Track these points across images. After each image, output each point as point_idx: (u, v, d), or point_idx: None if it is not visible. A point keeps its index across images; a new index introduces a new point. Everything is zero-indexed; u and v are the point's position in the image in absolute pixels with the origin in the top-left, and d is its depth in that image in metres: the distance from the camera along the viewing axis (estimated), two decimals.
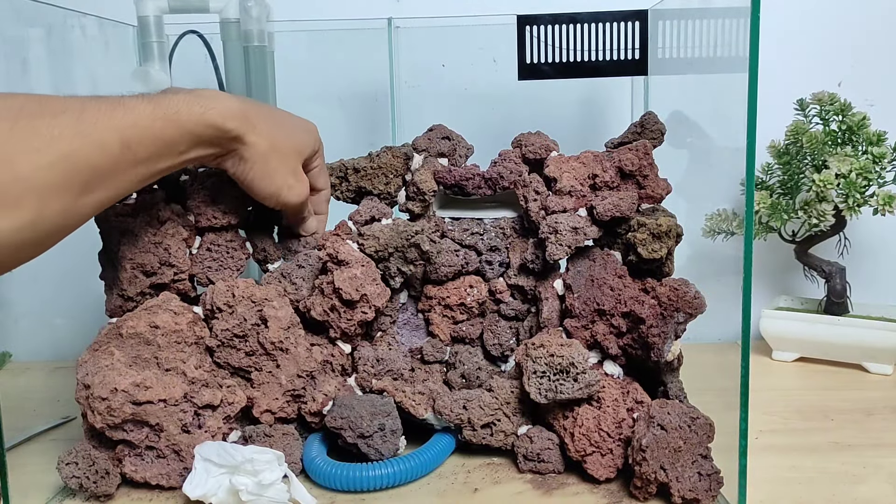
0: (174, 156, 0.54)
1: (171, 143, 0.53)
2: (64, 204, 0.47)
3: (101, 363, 0.57)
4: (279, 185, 0.60)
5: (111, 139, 0.49)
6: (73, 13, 0.75)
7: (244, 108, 0.56)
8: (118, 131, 0.49)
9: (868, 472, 0.60)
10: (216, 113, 0.54)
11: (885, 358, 0.83)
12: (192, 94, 0.54)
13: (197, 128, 0.53)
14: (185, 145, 0.54)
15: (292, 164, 0.61)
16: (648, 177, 0.64)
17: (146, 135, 0.51)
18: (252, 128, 0.57)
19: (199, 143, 0.55)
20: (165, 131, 0.52)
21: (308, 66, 0.91)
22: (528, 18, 0.74)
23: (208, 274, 0.65)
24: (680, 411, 0.55)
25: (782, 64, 0.90)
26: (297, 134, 0.62)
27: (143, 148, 0.51)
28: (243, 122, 0.56)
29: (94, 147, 0.48)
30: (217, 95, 0.55)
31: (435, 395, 0.63)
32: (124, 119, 0.49)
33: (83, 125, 0.47)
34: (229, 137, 0.56)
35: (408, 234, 0.64)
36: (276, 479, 0.54)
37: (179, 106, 0.52)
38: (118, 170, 0.50)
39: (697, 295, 0.58)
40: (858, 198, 0.79)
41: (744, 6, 0.48)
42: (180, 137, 0.53)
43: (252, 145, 0.57)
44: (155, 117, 0.51)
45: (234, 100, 0.56)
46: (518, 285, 0.67)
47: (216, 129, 0.54)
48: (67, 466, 0.57)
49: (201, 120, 0.53)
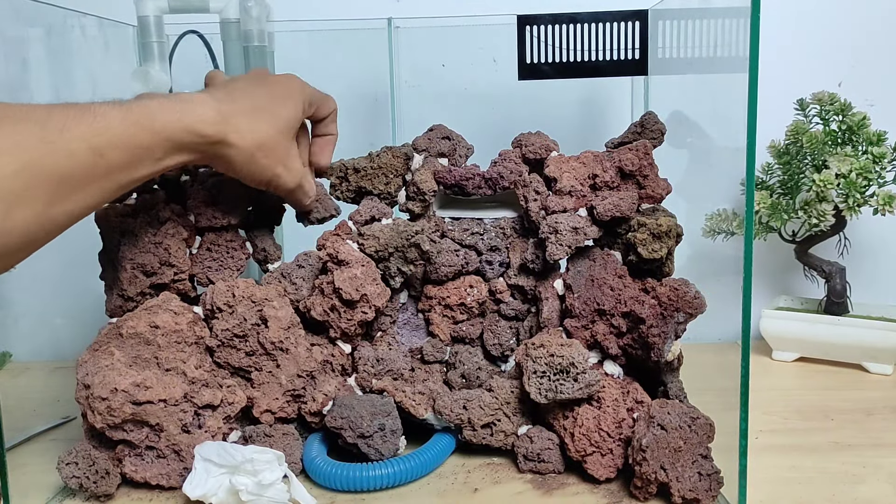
0: (152, 162, 0.52)
1: (146, 149, 0.51)
2: (33, 213, 0.46)
3: (101, 363, 0.57)
4: (269, 178, 0.59)
5: (79, 147, 0.47)
6: (73, 13, 0.74)
7: (222, 109, 0.54)
8: (86, 139, 0.47)
9: (868, 472, 0.60)
10: (194, 118, 0.52)
11: (885, 358, 0.83)
12: (168, 98, 0.53)
13: (175, 134, 0.52)
14: (161, 152, 0.52)
15: (280, 153, 0.59)
16: (648, 177, 0.64)
17: (118, 142, 0.49)
18: (233, 129, 0.55)
19: (179, 150, 0.53)
20: (139, 137, 0.50)
21: (308, 66, 0.90)
22: (528, 18, 0.74)
23: (208, 274, 0.65)
24: (680, 411, 0.55)
25: (782, 64, 0.90)
26: (278, 111, 0.59)
27: (116, 155, 0.49)
28: (223, 125, 0.54)
29: (61, 155, 0.46)
30: (193, 98, 0.53)
31: (435, 395, 0.63)
32: (93, 126, 0.48)
33: (48, 132, 0.46)
34: (210, 142, 0.54)
35: (408, 234, 0.64)
36: (276, 479, 0.54)
37: (154, 111, 0.51)
38: (91, 178, 0.48)
39: (697, 295, 0.58)
40: (858, 198, 0.79)
41: (744, 6, 0.48)
42: (156, 144, 0.51)
43: (235, 146, 0.55)
44: (127, 123, 0.49)
45: (212, 101, 0.54)
46: (518, 285, 0.67)
47: (195, 135, 0.53)
48: (67, 466, 0.57)
49: (178, 126, 0.52)
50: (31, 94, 0.78)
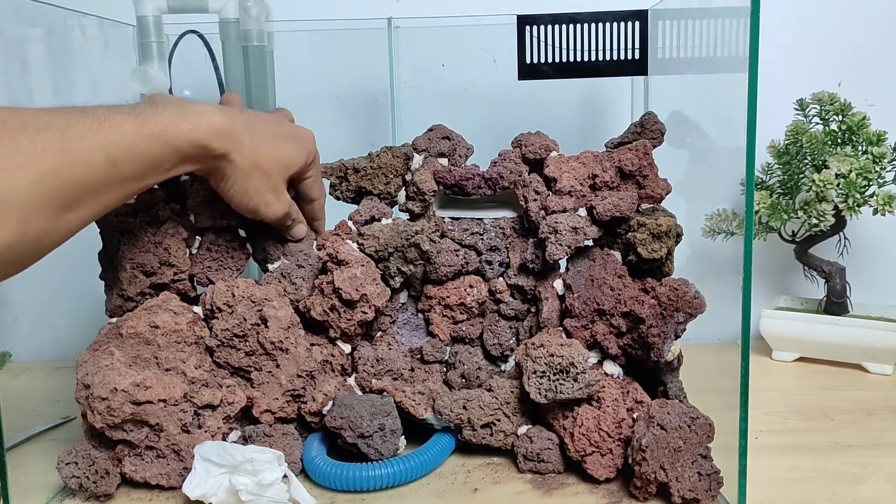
0: (160, 172, 0.53)
1: (157, 160, 0.52)
2: (46, 221, 0.46)
3: (101, 363, 0.57)
4: (257, 203, 0.60)
5: (96, 156, 0.48)
6: (73, 13, 0.74)
7: (231, 124, 0.55)
8: (103, 148, 0.48)
9: (868, 472, 0.60)
10: (204, 131, 0.53)
11: (885, 358, 0.83)
12: (180, 108, 0.53)
13: (184, 146, 0.53)
14: (170, 162, 0.53)
15: (274, 182, 0.60)
16: (648, 177, 0.64)
17: (132, 153, 0.50)
18: (237, 146, 0.56)
19: (185, 160, 0.54)
20: (152, 149, 0.51)
21: (308, 66, 0.91)
22: (528, 18, 0.74)
23: (208, 274, 0.65)
24: (680, 411, 0.55)
25: (782, 64, 0.90)
26: (284, 148, 0.61)
27: (129, 165, 0.50)
28: (229, 141, 0.55)
29: (79, 164, 0.47)
30: (204, 111, 0.54)
31: (435, 395, 0.63)
32: (110, 135, 0.48)
33: (67, 141, 0.46)
34: (214, 156, 0.55)
35: (408, 234, 0.64)
36: (275, 478, 0.54)
37: (167, 122, 0.51)
38: (103, 187, 0.49)
39: (697, 295, 0.58)
40: (858, 198, 0.79)
41: (744, 6, 0.48)
42: (167, 155, 0.52)
43: (235, 164, 0.57)
44: (142, 134, 0.50)
45: (223, 115, 0.55)
46: (518, 285, 0.67)
47: (202, 148, 0.54)
48: (67, 466, 0.57)
49: (188, 138, 0.52)
50: (31, 94, 0.78)
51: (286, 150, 0.61)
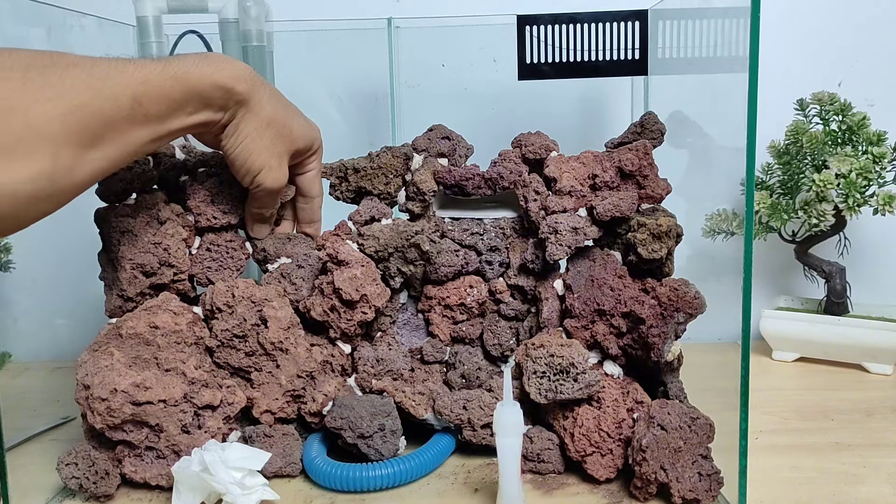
0: (183, 116, 0.54)
1: (180, 102, 0.53)
2: (74, 156, 0.48)
3: (100, 363, 0.57)
4: (261, 164, 0.60)
5: (122, 93, 0.50)
6: (73, 13, 0.74)
7: (254, 74, 0.57)
8: (129, 86, 0.50)
9: (868, 472, 0.60)
10: (226, 74, 0.55)
11: (885, 358, 0.83)
12: (203, 56, 0.55)
13: (206, 89, 0.54)
14: (192, 106, 0.54)
15: (282, 147, 0.61)
16: (648, 177, 0.64)
17: (156, 92, 0.51)
18: (258, 96, 0.57)
19: (207, 105, 0.55)
20: (175, 90, 0.52)
21: (308, 66, 0.91)
22: (528, 18, 0.74)
23: (208, 274, 0.65)
24: (680, 411, 0.55)
25: (782, 64, 0.90)
26: (297, 120, 0.62)
27: (153, 105, 0.51)
28: (251, 87, 0.57)
29: (106, 100, 0.49)
30: (226, 59, 0.56)
31: (435, 395, 0.63)
32: (135, 75, 0.50)
33: (94, 79, 0.48)
34: (236, 101, 0.56)
35: (408, 234, 0.64)
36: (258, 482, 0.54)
37: (189, 66, 0.53)
38: (128, 124, 0.51)
39: (697, 295, 0.58)
40: (858, 198, 0.79)
41: (744, 6, 0.48)
42: (189, 97, 0.54)
43: (252, 114, 0.58)
44: (165, 76, 0.52)
45: (245, 65, 0.57)
46: (518, 285, 0.67)
47: (225, 91, 0.55)
48: (67, 467, 0.57)
49: (211, 80, 0.54)
50: None
51: (298, 123, 0.62)
